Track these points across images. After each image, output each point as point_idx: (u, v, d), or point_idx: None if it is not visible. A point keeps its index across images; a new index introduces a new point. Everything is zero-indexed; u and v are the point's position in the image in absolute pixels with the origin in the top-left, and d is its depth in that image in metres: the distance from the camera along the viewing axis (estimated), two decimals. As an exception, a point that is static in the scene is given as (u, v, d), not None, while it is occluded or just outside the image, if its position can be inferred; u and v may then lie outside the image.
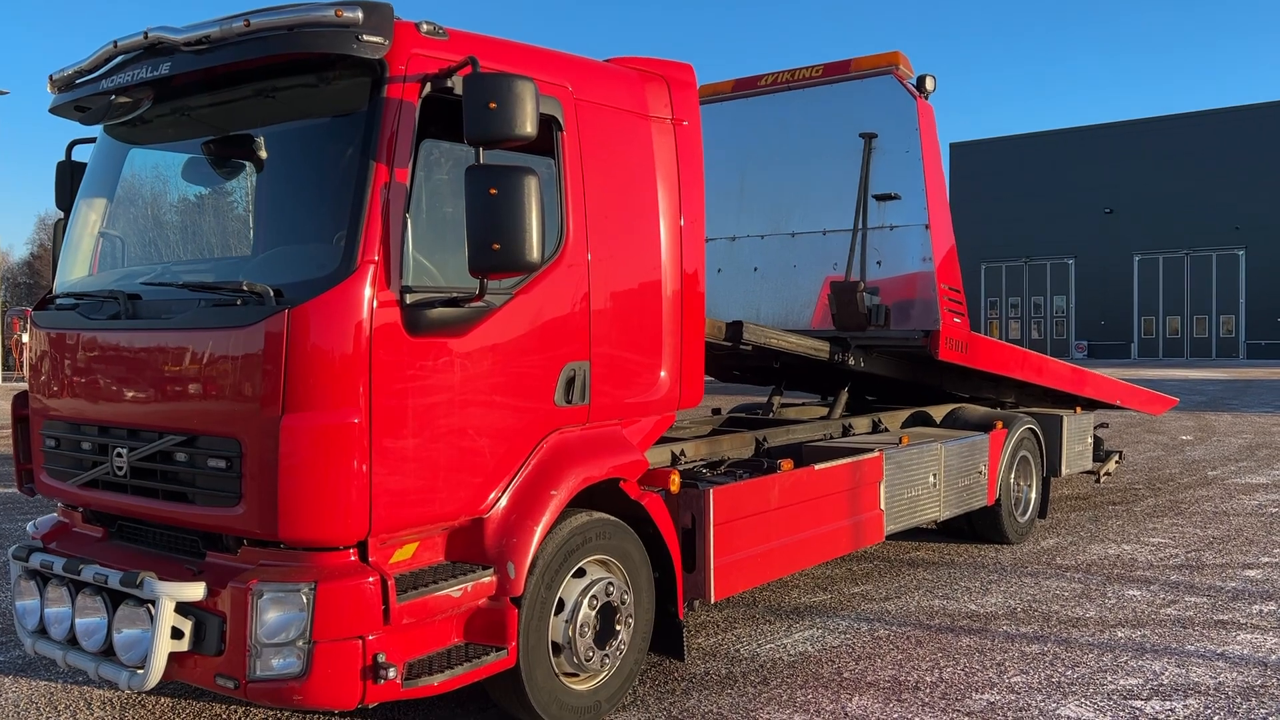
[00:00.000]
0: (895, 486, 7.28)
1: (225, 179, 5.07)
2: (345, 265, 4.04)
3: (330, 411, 3.98)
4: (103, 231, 5.25)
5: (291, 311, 3.98)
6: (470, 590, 4.41)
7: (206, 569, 4.27)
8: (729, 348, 7.31)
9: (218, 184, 5.14)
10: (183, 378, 4.29)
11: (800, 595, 7.35)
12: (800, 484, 6.33)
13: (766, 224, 9.13)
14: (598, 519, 4.99)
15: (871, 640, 6.34)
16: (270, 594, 3.97)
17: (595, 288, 5.01)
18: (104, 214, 5.23)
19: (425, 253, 4.38)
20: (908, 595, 7.39)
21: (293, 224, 4.66)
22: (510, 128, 3.98)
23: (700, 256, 5.70)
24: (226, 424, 4.12)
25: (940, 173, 8.40)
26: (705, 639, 6.33)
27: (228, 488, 4.12)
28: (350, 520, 4.02)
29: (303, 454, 3.94)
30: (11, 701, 5.24)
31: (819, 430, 8.16)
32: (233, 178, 5.05)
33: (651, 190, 5.40)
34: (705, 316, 5.78)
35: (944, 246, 8.29)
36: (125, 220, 5.33)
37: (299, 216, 4.59)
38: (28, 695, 5.32)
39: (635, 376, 5.31)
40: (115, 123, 4.96)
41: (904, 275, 8.32)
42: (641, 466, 5.26)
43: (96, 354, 4.64)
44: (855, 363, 8.08)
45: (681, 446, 6.81)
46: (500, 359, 4.56)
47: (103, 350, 4.62)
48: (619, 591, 5.03)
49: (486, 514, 4.57)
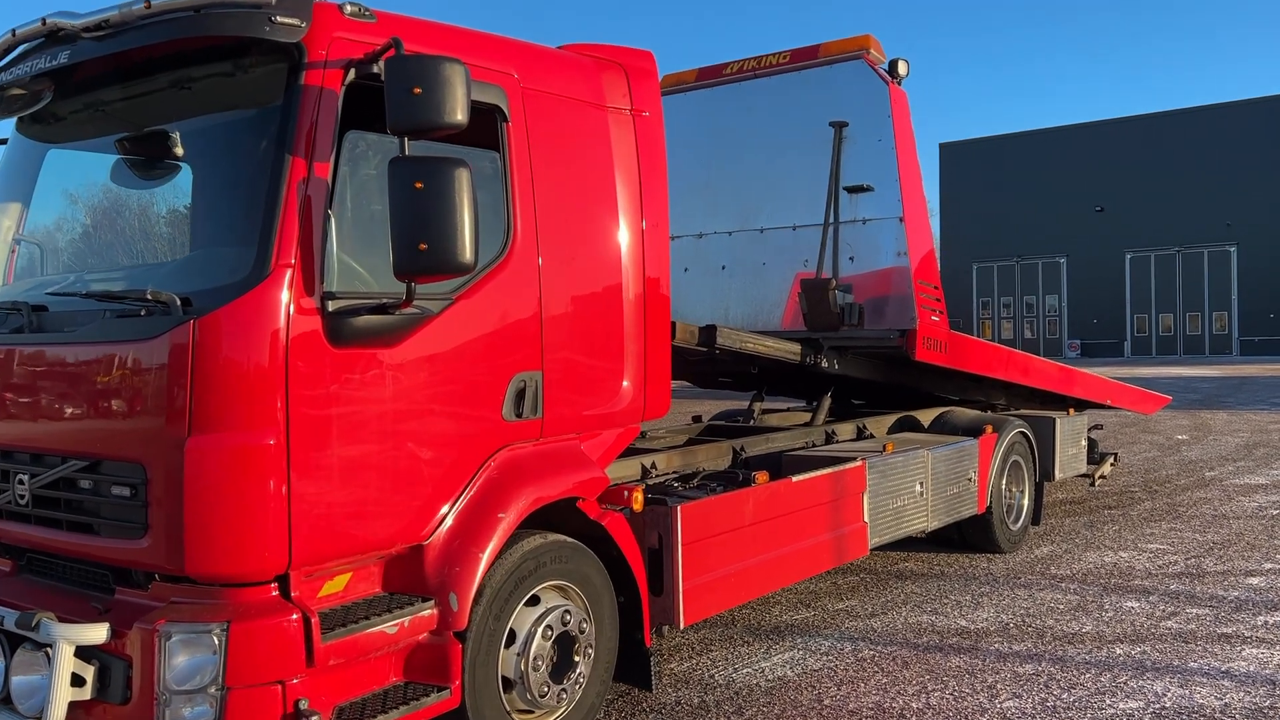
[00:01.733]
0: (880, 497, 6.91)
1: (144, 180, 4.69)
2: (258, 270, 3.66)
3: (241, 432, 3.60)
4: (17, 238, 4.86)
5: (198, 322, 3.60)
6: (408, 625, 4.02)
7: (114, 607, 3.88)
8: (704, 353, 6.94)
9: (137, 185, 4.76)
10: (85, 397, 3.90)
11: (781, 612, 6.97)
12: (777, 497, 5.95)
13: (734, 220, 8.74)
14: (553, 541, 4.61)
15: (855, 662, 5.96)
16: (179, 636, 3.57)
17: (548, 291, 4.63)
18: (19, 219, 4.84)
19: (353, 255, 4.00)
20: (895, 611, 7.01)
21: (209, 227, 4.28)
22: (437, 115, 3.60)
23: (664, 256, 5.32)
24: (131, 447, 3.73)
25: (915, 162, 8.01)
26: (679, 664, 5.94)
27: (133, 518, 3.73)
28: (266, 553, 3.64)
29: (210, 479, 3.55)
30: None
31: (801, 438, 7.78)
32: (152, 178, 4.67)
33: (609, 186, 5.03)
34: (671, 320, 5.40)
35: (920, 240, 7.91)
36: (42, 225, 4.94)
37: (215, 218, 4.21)
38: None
39: (594, 387, 4.93)
40: (20, 117, 4.58)
41: (878, 271, 7.94)
42: (601, 484, 4.88)
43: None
44: (829, 365, 7.69)
45: (653, 459, 6.42)
46: (440, 370, 4.17)
47: (3, 366, 4.22)
48: (577, 619, 4.65)
49: (427, 540, 4.19)
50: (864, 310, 7.70)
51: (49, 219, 4.99)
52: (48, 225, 5.00)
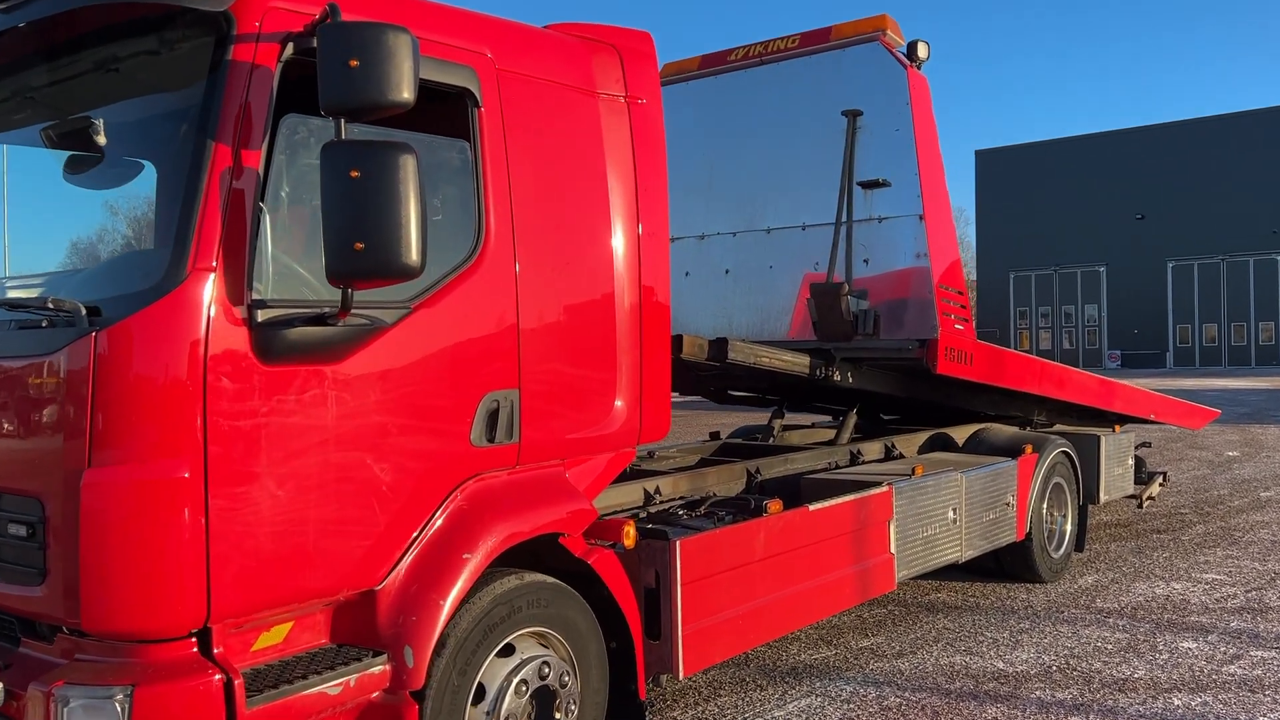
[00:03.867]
0: (908, 525, 6.29)
1: (83, 174, 4.19)
2: (172, 274, 3.14)
3: (149, 463, 3.08)
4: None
5: (100, 334, 3.09)
6: (354, 685, 3.48)
7: (15, 662, 3.38)
8: (714, 368, 6.36)
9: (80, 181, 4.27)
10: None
11: (800, 650, 6.37)
12: (791, 528, 5.35)
13: (739, 219, 8.12)
14: (531, 583, 4.05)
15: (879, 712, 5.35)
16: (77, 700, 3.06)
17: (527, 299, 4.09)
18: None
19: (292, 258, 3.48)
20: (924, 650, 6.38)
21: (133, 226, 3.78)
22: (378, 92, 3.07)
23: (663, 260, 4.77)
24: (26, 479, 3.24)
25: (937, 155, 7.34)
26: (682, 711, 5.36)
27: (29, 561, 3.23)
28: (179, 604, 3.11)
29: (110, 518, 3.04)
30: None
31: (823, 458, 7.18)
32: (91, 173, 4.17)
33: (600, 181, 4.48)
34: (671, 332, 4.84)
35: (943, 241, 7.25)
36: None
37: (137, 215, 3.71)
38: None
39: (581, 406, 4.37)
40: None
41: (896, 275, 7.29)
42: (588, 516, 4.32)
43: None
44: (841, 379, 7.05)
45: (658, 482, 5.86)
46: (395, 390, 3.64)
47: (-92, 384, 3.75)
48: (558, 671, 4.09)
49: (380, 585, 3.65)
50: (880, 317, 7.05)
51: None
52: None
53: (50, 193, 4.14)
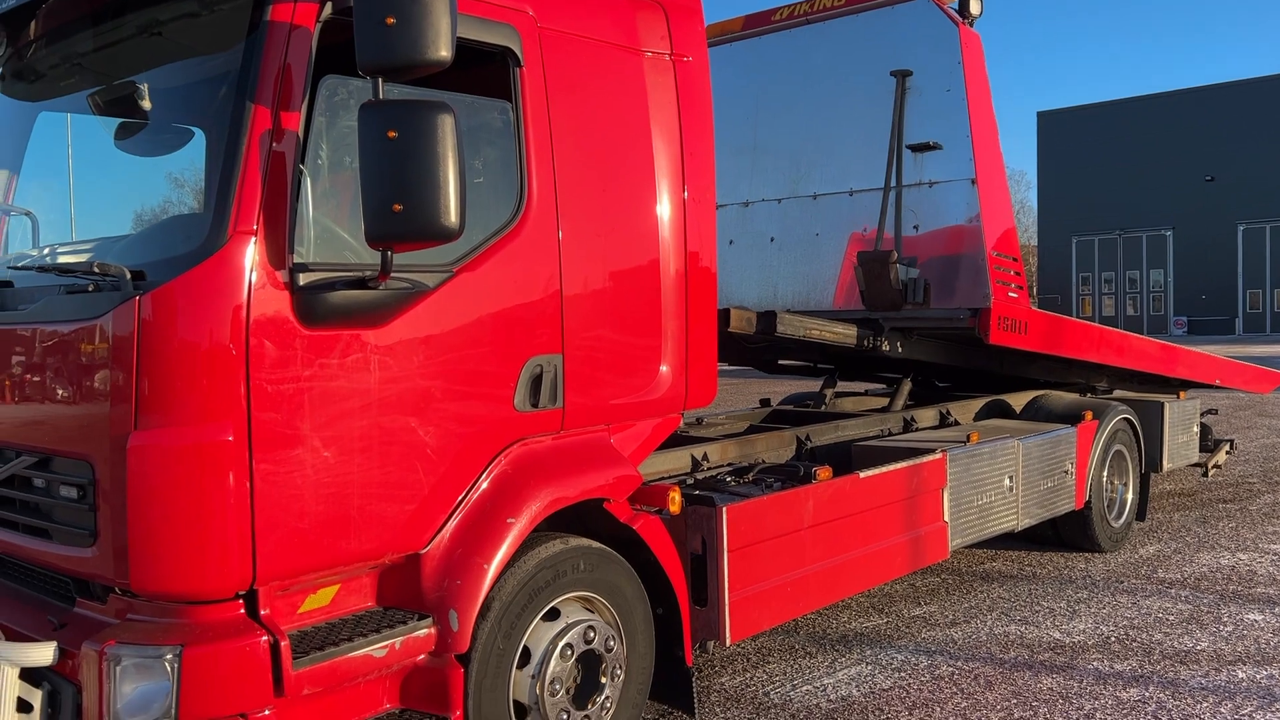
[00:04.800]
0: (963, 493, 6.16)
1: (131, 140, 4.22)
2: (213, 237, 3.14)
3: (193, 426, 3.09)
4: (4, 208, 4.46)
5: (143, 299, 3.10)
6: (399, 647, 3.49)
7: (70, 622, 3.44)
8: (764, 340, 6.27)
9: (127, 146, 4.30)
10: (34, 383, 3.46)
11: (850, 618, 6.30)
12: (841, 496, 5.27)
13: (784, 185, 7.94)
14: (575, 547, 4.03)
15: (931, 681, 5.27)
16: (129, 659, 3.10)
17: (569, 263, 4.04)
18: (7, 187, 4.44)
19: (334, 221, 3.46)
20: (979, 619, 6.28)
21: (178, 190, 3.79)
22: (415, 50, 3.02)
23: (710, 224, 4.69)
24: (77, 443, 3.27)
25: (990, 116, 7.08)
26: (730, 678, 5.34)
27: (82, 522, 3.28)
28: (224, 567, 3.13)
29: (155, 481, 3.06)
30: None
31: (875, 425, 7.06)
32: (139, 138, 4.19)
33: (645, 143, 4.40)
34: (716, 297, 4.76)
35: (996, 206, 7.02)
36: (31, 193, 4.53)
37: (181, 180, 3.72)
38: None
39: (626, 372, 4.32)
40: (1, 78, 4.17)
41: (947, 241, 7.07)
42: (633, 482, 4.28)
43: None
44: (890, 349, 6.89)
45: (705, 449, 5.80)
46: (438, 354, 3.62)
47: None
48: (604, 636, 4.07)
49: (425, 549, 3.65)
50: (930, 286, 6.85)
51: (39, 186, 4.59)
52: (39, 193, 4.59)
53: (98, 159, 4.17)
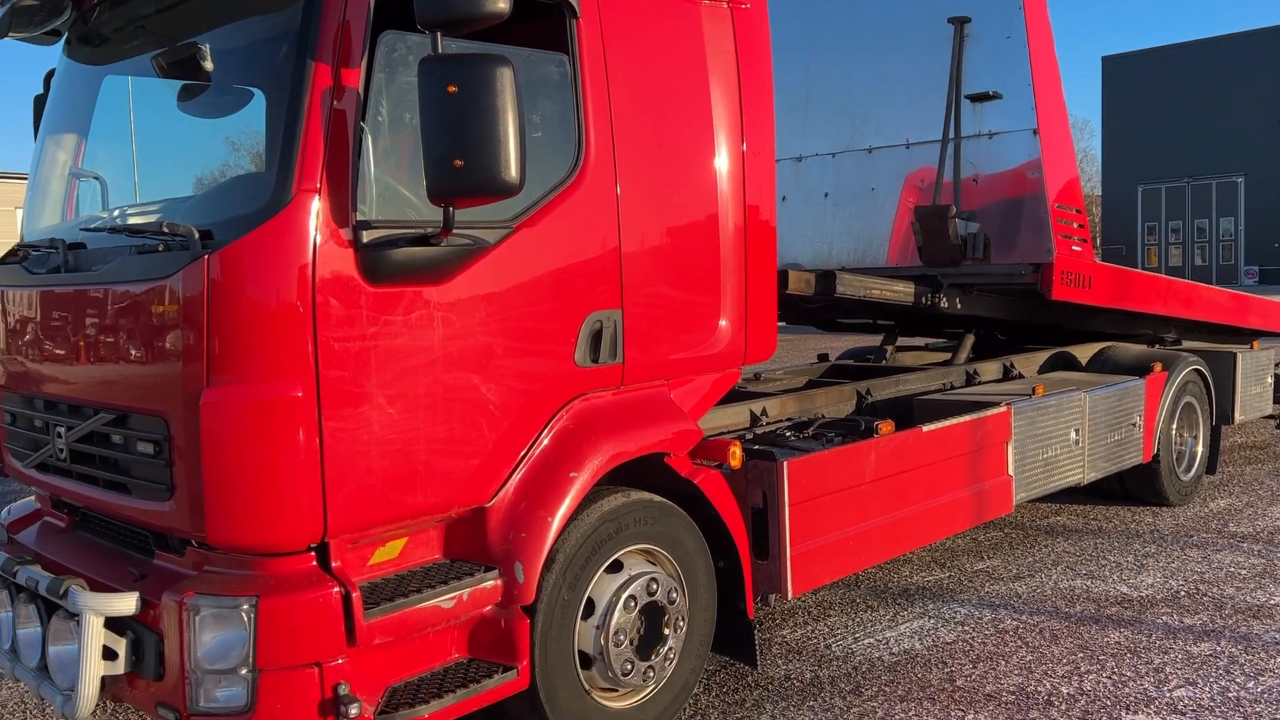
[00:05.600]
0: (1028, 446, 6.08)
1: (195, 101, 4.26)
2: (278, 196, 3.18)
3: (263, 383, 3.15)
4: (75, 171, 4.54)
5: (211, 257, 3.15)
6: (467, 599, 3.55)
7: (150, 573, 3.55)
8: (823, 300, 6.20)
9: (191, 108, 4.35)
10: (110, 342, 3.54)
11: (912, 572, 6.27)
12: (904, 450, 5.22)
13: (838, 139, 7.76)
14: (637, 501, 4.06)
15: (995, 634, 5.24)
16: (208, 609, 3.20)
17: (627, 217, 4.02)
18: (76, 151, 4.52)
19: (395, 178, 3.48)
20: (1043, 573, 6.21)
21: (243, 150, 3.83)
22: (473, 3, 3.01)
23: (769, 177, 4.63)
24: (152, 400, 3.35)
25: (1053, 62, 6.83)
26: (791, 630, 5.35)
27: (159, 477, 3.36)
28: (296, 520, 3.20)
29: (228, 438, 3.13)
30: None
31: (937, 379, 6.97)
32: (202, 99, 4.23)
33: (703, 94, 4.35)
34: (776, 250, 4.71)
35: (1059, 157, 6.80)
36: (100, 156, 4.60)
37: (246, 140, 3.75)
38: (17, 696, 4.79)
39: (685, 327, 4.31)
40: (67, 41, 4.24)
41: (1007, 194, 6.89)
42: (693, 437, 4.28)
43: (37, 314, 3.95)
44: (949, 305, 6.77)
45: (764, 404, 5.79)
46: (499, 310, 3.63)
47: (42, 309, 3.92)
48: (666, 588, 4.10)
49: (490, 503, 3.70)
50: (990, 241, 6.69)
51: (108, 149, 4.66)
52: (107, 156, 4.67)
53: (163, 121, 4.23)
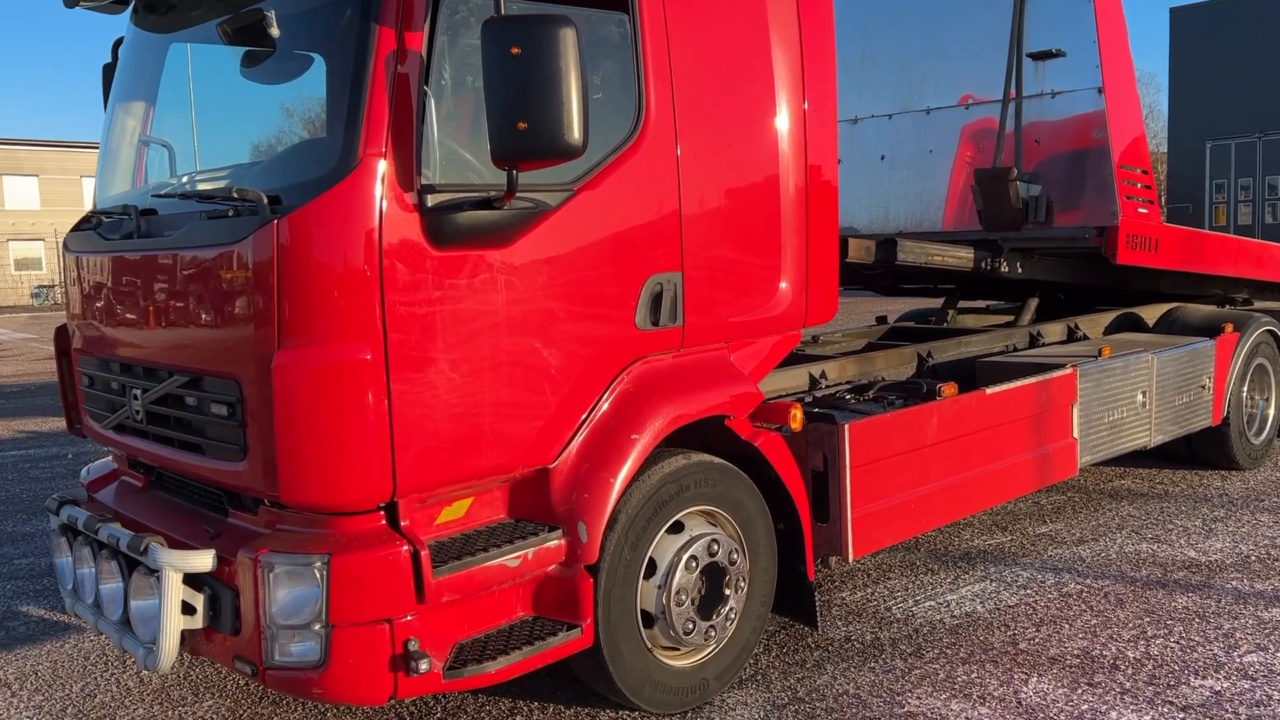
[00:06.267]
0: (1093, 409, 5.98)
1: (262, 68, 4.31)
2: (344, 161, 3.22)
3: (333, 345, 3.21)
4: (144, 138, 4.63)
5: (280, 222, 3.20)
6: (531, 558, 3.61)
7: (225, 532, 3.65)
8: (883, 267, 6.13)
9: (258, 75, 4.40)
10: (183, 307, 3.62)
11: (973, 536, 6.23)
12: (967, 412, 5.17)
13: (894, 100, 7.57)
14: (698, 463, 4.07)
15: (1059, 598, 5.19)
16: (282, 567, 3.29)
17: (688, 178, 4.01)
18: (144, 118, 4.61)
19: (457, 142, 3.49)
20: (1107, 538, 6.13)
21: (306, 114, 3.87)
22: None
23: (831, 137, 4.58)
24: (225, 362, 3.43)
25: (1119, 16, 6.58)
26: (851, 592, 5.36)
27: (232, 438, 3.45)
28: (367, 480, 3.27)
29: (300, 399, 3.19)
30: (82, 653, 4.91)
31: (999, 341, 6.87)
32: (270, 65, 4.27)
33: (763, 52, 4.30)
34: (837, 212, 4.66)
35: (1125, 116, 6.59)
36: (168, 123, 4.68)
37: (310, 105, 3.79)
38: (100, 648, 4.97)
39: (745, 290, 4.29)
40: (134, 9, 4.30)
41: (1070, 155, 6.68)
42: (753, 399, 4.28)
43: (111, 279, 4.06)
44: (1009, 270, 6.63)
45: (824, 367, 5.75)
46: (561, 273, 3.65)
47: (116, 275, 4.03)
48: (727, 549, 4.12)
49: (553, 464, 3.74)
50: (1052, 203, 6.53)
51: (175, 116, 4.74)
52: (175, 123, 4.75)
53: (231, 88, 4.28)
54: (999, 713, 4.00)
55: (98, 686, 4.53)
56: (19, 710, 4.34)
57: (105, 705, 4.34)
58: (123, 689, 4.49)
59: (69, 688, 4.54)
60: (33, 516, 7.51)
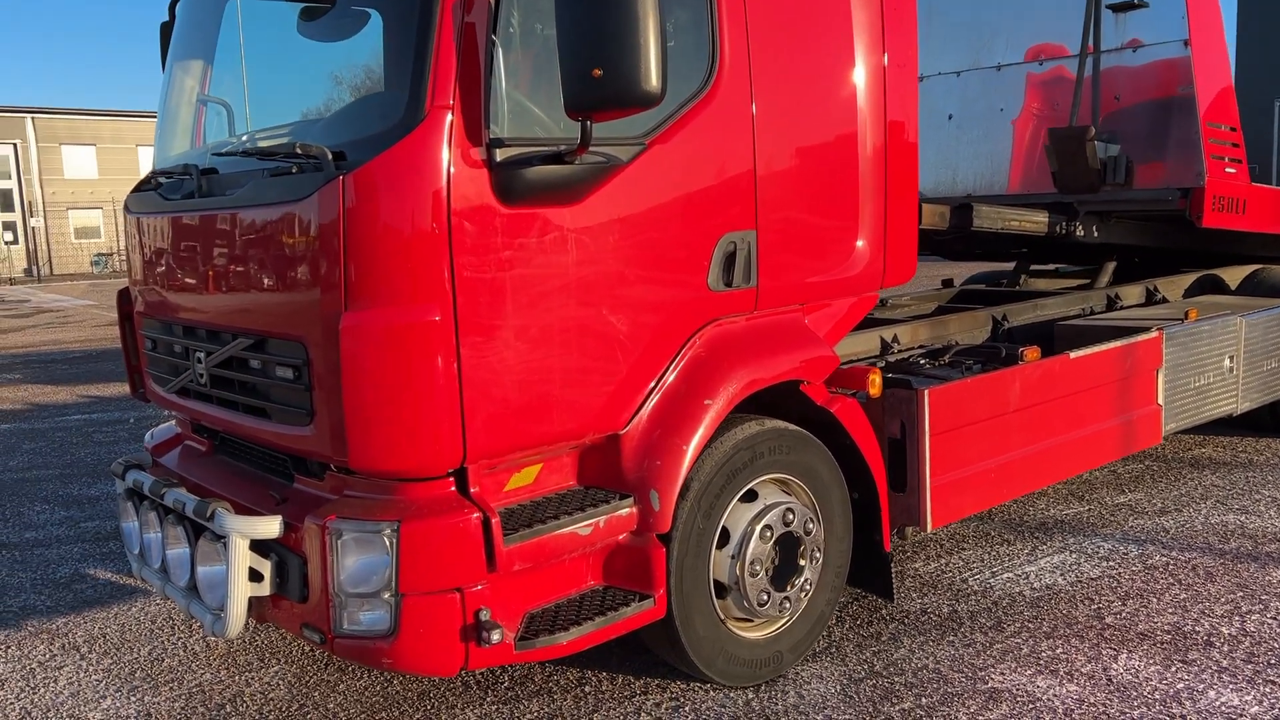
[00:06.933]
0: (1179, 374, 5.72)
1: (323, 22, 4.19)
2: (411, 114, 3.08)
3: (402, 306, 3.09)
4: (202, 97, 4.54)
5: (346, 178, 3.08)
6: (603, 526, 3.49)
7: (291, 497, 3.58)
8: (957, 233, 5.89)
9: (320, 28, 4.27)
10: (246, 267, 3.53)
11: (1048, 505, 6.02)
12: (1050, 377, 4.95)
13: (962, 56, 7.24)
14: (772, 429, 3.92)
15: (1144, 571, 4.98)
16: (350, 534, 3.20)
17: (763, 131, 3.83)
18: (202, 77, 4.52)
19: (524, 94, 3.34)
20: (1191, 508, 5.89)
21: (370, 68, 3.74)
22: None
23: (911, 93, 4.39)
24: (290, 324, 3.34)
25: None
26: (924, 563, 5.19)
27: (298, 402, 3.36)
28: (437, 445, 3.16)
29: (368, 362, 3.09)
30: (149, 616, 4.91)
31: (1076, 304, 6.61)
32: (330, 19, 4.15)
33: (842, 3, 4.09)
34: (918, 169, 4.45)
35: (1212, 70, 6.24)
36: (226, 82, 4.59)
37: (375, 58, 3.65)
38: (166, 612, 4.98)
39: (821, 248, 4.12)
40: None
41: (1153, 113, 6.34)
42: (829, 363, 4.11)
43: (172, 240, 3.98)
44: (1085, 233, 6.35)
45: (895, 331, 5.56)
46: (633, 231, 3.50)
47: (178, 236, 3.95)
48: (802, 519, 3.98)
49: (624, 430, 3.61)
50: (1133, 164, 6.23)
51: (234, 74, 4.64)
52: (233, 81, 4.65)
53: (289, 44, 4.17)
54: (1088, 690, 3.83)
55: (165, 650, 4.53)
56: (88, 674, 4.35)
57: (173, 669, 4.34)
58: (189, 653, 4.49)
59: (137, 651, 4.54)
60: (97, 480, 7.59)
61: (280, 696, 4.05)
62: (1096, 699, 3.77)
